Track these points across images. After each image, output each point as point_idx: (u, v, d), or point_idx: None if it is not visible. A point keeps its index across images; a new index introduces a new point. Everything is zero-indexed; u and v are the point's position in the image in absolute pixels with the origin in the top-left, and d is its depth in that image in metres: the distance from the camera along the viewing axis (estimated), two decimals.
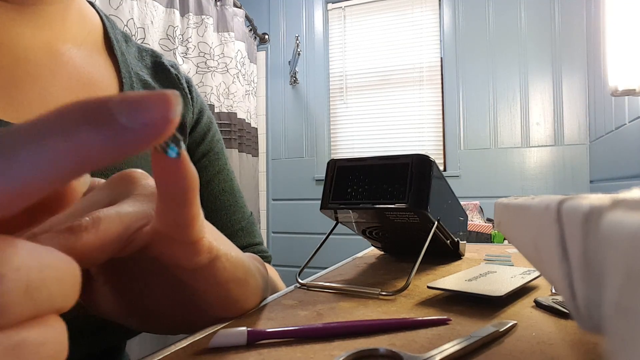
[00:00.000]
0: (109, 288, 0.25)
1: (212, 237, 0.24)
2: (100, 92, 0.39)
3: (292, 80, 2.59)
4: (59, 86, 0.36)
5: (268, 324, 0.29)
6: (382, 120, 2.48)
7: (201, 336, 0.27)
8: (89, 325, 0.34)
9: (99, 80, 0.40)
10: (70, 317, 0.32)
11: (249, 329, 0.25)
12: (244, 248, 0.51)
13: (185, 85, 0.50)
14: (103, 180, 0.23)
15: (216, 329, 0.29)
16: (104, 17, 0.45)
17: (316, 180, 2.56)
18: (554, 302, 0.31)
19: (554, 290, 0.36)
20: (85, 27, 0.42)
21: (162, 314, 0.28)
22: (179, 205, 0.19)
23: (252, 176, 2.31)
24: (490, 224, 1.67)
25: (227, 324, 0.30)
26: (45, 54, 0.36)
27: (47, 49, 0.37)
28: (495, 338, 0.25)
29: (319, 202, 1.83)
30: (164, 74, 0.48)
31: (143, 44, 0.51)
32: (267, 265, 0.51)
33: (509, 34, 2.24)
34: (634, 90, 1.20)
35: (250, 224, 0.54)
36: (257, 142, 2.38)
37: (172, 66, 0.50)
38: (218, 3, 2.02)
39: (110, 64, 0.42)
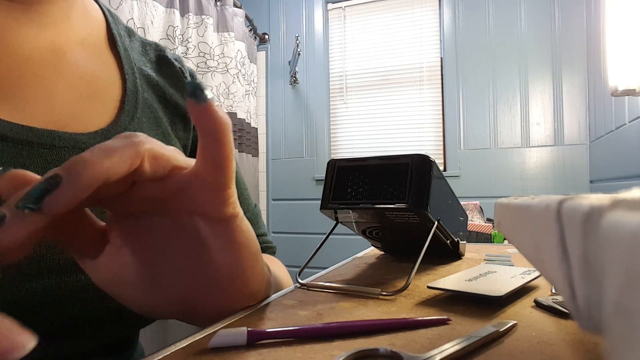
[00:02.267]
0: (125, 255, 0.27)
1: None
2: (103, 89, 0.40)
3: (292, 80, 2.59)
4: (62, 85, 0.36)
5: (268, 324, 0.29)
6: (382, 120, 2.48)
7: (201, 336, 0.27)
8: (103, 316, 0.34)
9: (102, 77, 0.40)
10: (86, 310, 0.33)
11: (249, 329, 0.25)
12: None
13: (189, 78, 0.50)
14: None
15: (216, 329, 0.29)
16: (107, 13, 0.45)
17: (316, 180, 2.56)
18: (554, 302, 0.31)
19: (554, 290, 0.36)
20: (88, 24, 0.41)
21: (172, 287, 0.28)
22: (215, 142, 0.23)
23: (252, 176, 2.31)
24: (490, 224, 1.67)
25: (227, 323, 0.30)
26: (49, 54, 0.36)
27: (51, 48, 0.37)
28: (495, 338, 0.25)
29: (319, 202, 1.83)
30: (167, 67, 0.48)
31: (146, 38, 0.51)
32: (274, 259, 0.51)
33: (509, 34, 2.24)
34: (634, 90, 1.20)
35: (255, 215, 0.54)
36: (257, 142, 2.38)
37: (175, 59, 0.50)
38: (218, 3, 2.02)
39: (113, 60, 0.42)
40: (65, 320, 0.32)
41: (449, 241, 0.50)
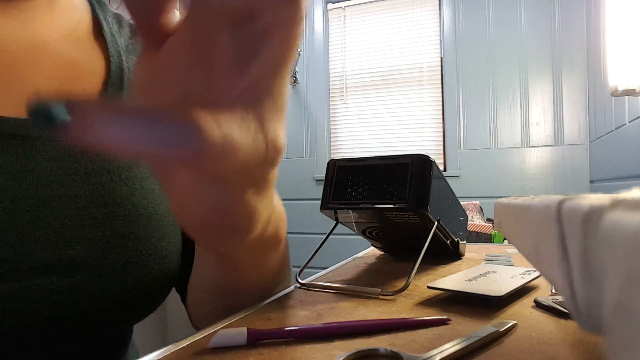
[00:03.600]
0: None
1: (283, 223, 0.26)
2: (85, 74, 0.38)
3: (292, 80, 2.59)
4: (41, 75, 0.35)
5: (268, 324, 0.29)
6: (382, 120, 2.48)
7: (201, 336, 0.27)
8: (81, 318, 0.33)
9: (85, 63, 0.39)
10: (60, 313, 0.31)
11: (249, 328, 0.25)
12: None
13: None
14: None
15: (216, 329, 0.29)
16: (93, 1, 0.43)
17: (316, 180, 2.56)
18: (554, 302, 0.31)
19: (554, 290, 0.36)
20: (74, 16, 0.40)
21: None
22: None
23: None
24: (490, 224, 1.67)
25: (227, 323, 0.30)
26: (28, 45, 0.35)
27: (32, 41, 0.36)
28: (495, 338, 0.25)
29: (319, 202, 1.83)
30: None
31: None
32: None
33: (509, 34, 2.24)
34: (634, 90, 1.20)
35: None
36: None
37: None
38: None
39: (98, 46, 0.41)
40: (38, 325, 0.30)
41: (449, 241, 0.50)
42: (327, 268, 0.51)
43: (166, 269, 0.38)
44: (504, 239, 1.58)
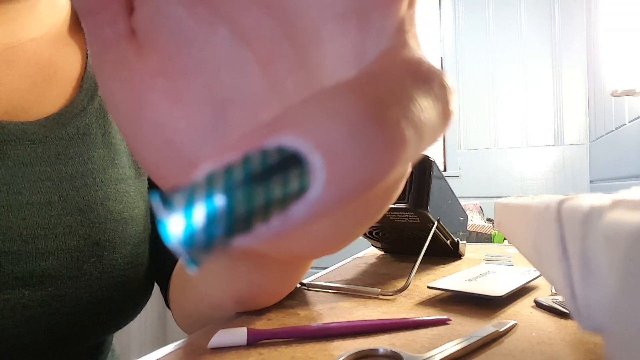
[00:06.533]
0: None
1: None
2: (60, 71, 0.37)
3: None
4: (14, 74, 0.34)
5: (268, 324, 0.29)
6: None
7: (201, 336, 0.27)
8: (54, 332, 0.32)
9: (61, 59, 0.37)
10: (33, 327, 0.30)
11: (249, 328, 0.25)
12: None
13: None
14: None
15: (216, 329, 0.29)
16: None
17: None
18: (554, 302, 0.31)
19: (554, 290, 0.36)
20: (56, 12, 0.39)
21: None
22: None
23: None
24: (490, 224, 1.67)
25: (227, 324, 0.30)
26: (4, 47, 0.34)
27: (7, 42, 0.35)
28: (495, 338, 0.25)
29: None
30: None
31: None
32: None
33: (509, 34, 2.24)
34: (634, 90, 1.20)
35: None
36: None
37: None
38: None
39: (75, 42, 0.40)
40: (8, 340, 0.29)
41: (449, 241, 0.50)
42: (327, 268, 0.51)
43: (145, 276, 0.37)
44: (504, 239, 1.58)
